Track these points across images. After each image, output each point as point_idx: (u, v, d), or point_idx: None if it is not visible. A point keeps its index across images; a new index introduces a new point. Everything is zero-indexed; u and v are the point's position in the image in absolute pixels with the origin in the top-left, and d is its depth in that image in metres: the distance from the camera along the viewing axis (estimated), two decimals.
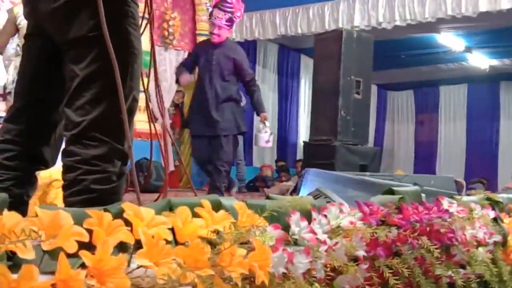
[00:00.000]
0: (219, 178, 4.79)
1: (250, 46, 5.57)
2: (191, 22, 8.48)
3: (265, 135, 5.20)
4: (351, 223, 1.43)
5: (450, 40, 9.43)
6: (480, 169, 11.41)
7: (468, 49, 9.96)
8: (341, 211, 1.45)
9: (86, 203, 1.42)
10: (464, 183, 7.06)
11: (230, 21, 4.87)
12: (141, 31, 1.72)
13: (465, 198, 2.18)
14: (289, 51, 10.45)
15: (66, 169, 1.56)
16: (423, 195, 1.96)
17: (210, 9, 5.21)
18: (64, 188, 1.56)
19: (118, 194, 1.58)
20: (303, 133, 10.22)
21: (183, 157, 8.07)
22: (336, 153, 5.48)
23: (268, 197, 1.51)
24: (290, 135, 10.88)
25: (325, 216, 1.40)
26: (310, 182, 2.93)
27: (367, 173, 4.07)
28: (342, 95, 5.64)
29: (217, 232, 1.15)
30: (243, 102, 6.18)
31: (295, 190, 3.16)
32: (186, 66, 5.22)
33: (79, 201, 1.49)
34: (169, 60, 7.95)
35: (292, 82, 10.90)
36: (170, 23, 7.87)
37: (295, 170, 9.34)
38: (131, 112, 1.64)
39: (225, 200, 1.30)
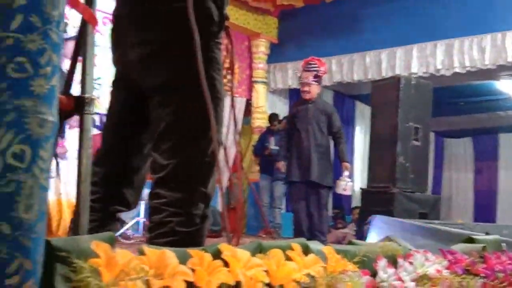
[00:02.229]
0: None
1: None
2: (249, 69, 8.66)
3: (343, 183, 5.58)
4: (438, 271, 1.40)
5: (509, 87, 9.25)
6: None
7: None
8: (426, 259, 1.43)
9: (170, 246, 1.45)
10: None
11: (317, 77, 5.53)
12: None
13: None
14: (344, 97, 10.45)
15: (153, 211, 1.60)
16: (503, 244, 1.91)
17: (299, 74, 5.86)
18: (150, 229, 1.60)
19: (201, 236, 1.61)
20: (358, 180, 10.09)
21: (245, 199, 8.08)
22: (395, 201, 5.36)
23: (350, 243, 1.50)
24: None
25: (411, 263, 1.39)
26: (379, 229, 2.88)
27: (436, 221, 3.96)
28: (400, 142, 5.57)
29: (309, 276, 1.15)
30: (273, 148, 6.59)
31: (362, 237, 3.12)
32: (287, 135, 5.82)
33: (164, 243, 1.52)
34: (228, 106, 8.08)
35: (347, 129, 10.81)
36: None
37: (351, 217, 9.19)
38: (216, 154, 1.68)
39: (312, 244, 1.30)
